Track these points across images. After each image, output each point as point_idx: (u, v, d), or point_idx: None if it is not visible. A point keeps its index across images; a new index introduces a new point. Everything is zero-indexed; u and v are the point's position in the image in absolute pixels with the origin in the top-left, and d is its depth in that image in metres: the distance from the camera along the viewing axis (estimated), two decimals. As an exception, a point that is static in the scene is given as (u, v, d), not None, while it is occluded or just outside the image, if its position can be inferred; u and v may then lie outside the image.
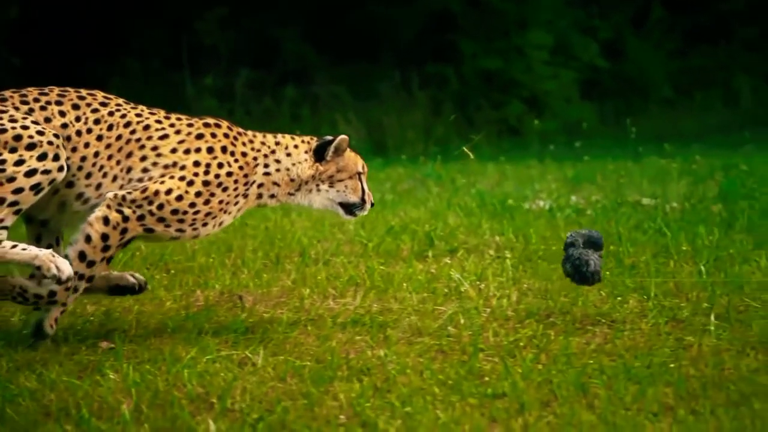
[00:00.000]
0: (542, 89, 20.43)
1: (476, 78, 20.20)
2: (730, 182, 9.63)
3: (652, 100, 22.08)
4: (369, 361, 5.05)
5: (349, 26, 19.96)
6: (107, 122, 5.31)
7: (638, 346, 5.29)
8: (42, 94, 5.29)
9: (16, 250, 5.08)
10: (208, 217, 5.35)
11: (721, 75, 23.25)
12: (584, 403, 4.59)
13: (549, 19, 20.68)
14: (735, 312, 5.77)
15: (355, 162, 5.65)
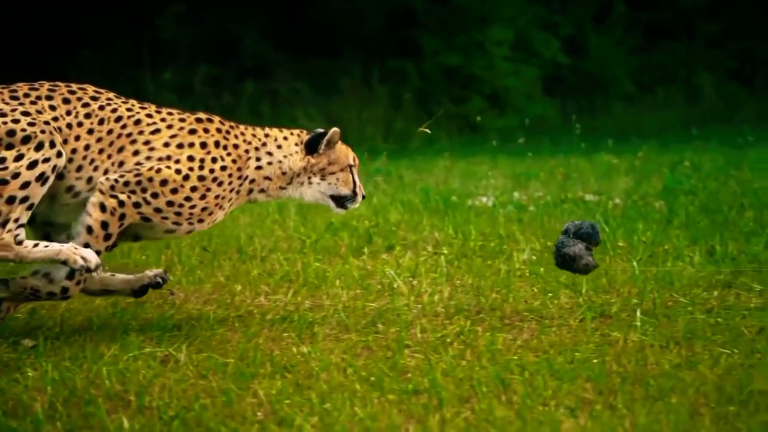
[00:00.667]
0: (503, 85, 20.46)
1: (437, 74, 20.22)
2: (674, 178, 9.68)
3: (614, 97, 22.15)
4: (293, 358, 5.05)
5: (309, 22, 19.94)
6: (98, 116, 5.30)
7: (563, 342, 5.31)
8: (32, 89, 5.29)
9: (39, 249, 5.12)
10: (204, 212, 5.37)
11: (683, 71, 23.36)
12: (504, 399, 4.60)
13: (510, 16, 20.72)
14: (663, 308, 5.80)
15: (346, 155, 5.66)
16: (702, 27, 23.78)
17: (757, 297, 6.02)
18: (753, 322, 5.54)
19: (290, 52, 19.52)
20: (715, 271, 6.45)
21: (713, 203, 8.41)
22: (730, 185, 9.33)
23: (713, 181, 9.63)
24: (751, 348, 5.15)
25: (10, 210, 5.07)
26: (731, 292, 6.14)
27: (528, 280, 6.41)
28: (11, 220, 5.07)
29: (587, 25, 22.48)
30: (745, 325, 5.49)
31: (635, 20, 22.92)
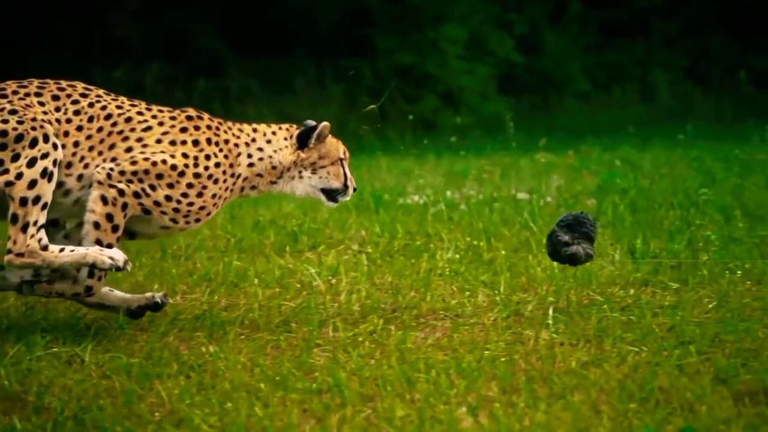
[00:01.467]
0: (457, 84, 20.47)
1: (390, 72, 20.20)
2: (609, 176, 9.72)
3: (569, 95, 22.21)
4: (201, 358, 5.03)
5: (263, 20, 19.88)
6: (87, 113, 5.31)
7: (475, 341, 5.32)
8: (21, 86, 5.29)
9: (65, 253, 5.15)
10: (202, 211, 5.40)
11: (639, 70, 23.47)
12: (408, 397, 4.61)
13: (464, 14, 20.72)
14: (578, 306, 5.83)
15: (336, 148, 5.68)
16: (657, 26, 23.90)
17: (672, 295, 6.05)
18: (664, 320, 5.58)
19: (243, 51, 19.46)
20: (634, 269, 6.49)
21: (643, 202, 8.46)
22: (662, 184, 9.38)
23: (647, 180, 9.68)
24: (659, 346, 5.18)
25: (26, 212, 5.10)
26: (647, 290, 6.17)
27: (448, 278, 6.42)
28: (30, 224, 5.11)
29: (542, 23, 22.53)
30: (657, 323, 5.52)
31: (590, 18, 22.99)
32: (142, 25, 19.19)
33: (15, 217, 5.11)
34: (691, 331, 5.36)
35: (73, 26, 19.22)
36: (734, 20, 24.13)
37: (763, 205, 8.11)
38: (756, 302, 5.85)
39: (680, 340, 5.27)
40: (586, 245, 5.65)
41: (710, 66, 23.91)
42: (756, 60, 24.03)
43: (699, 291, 6.10)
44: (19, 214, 5.09)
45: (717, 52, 24.20)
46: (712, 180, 9.50)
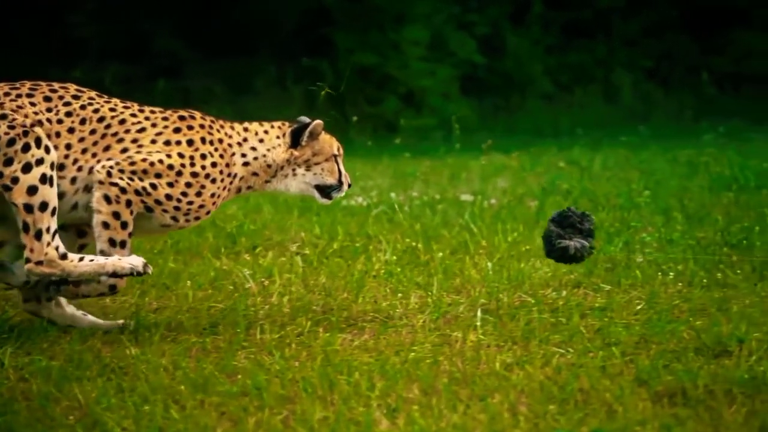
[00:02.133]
0: (419, 85, 20.47)
1: (352, 73, 20.18)
2: (554, 178, 9.75)
3: (531, 96, 22.26)
4: (124, 360, 5.01)
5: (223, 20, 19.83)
6: (79, 116, 5.32)
7: (402, 342, 5.32)
8: (12, 88, 5.28)
9: (84, 263, 5.20)
10: (201, 210, 5.43)
11: (601, 71, 23.54)
12: (328, 400, 4.60)
13: (425, 14, 20.72)
14: (509, 308, 5.84)
15: (330, 144, 5.67)
16: (619, 26, 23.98)
17: (603, 297, 6.06)
18: (593, 322, 5.59)
19: (203, 51, 19.41)
20: (569, 271, 6.50)
21: (586, 203, 8.48)
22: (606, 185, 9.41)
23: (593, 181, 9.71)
24: (585, 348, 5.19)
25: (35, 219, 5.11)
26: (579, 292, 6.19)
27: (382, 280, 6.42)
28: (43, 231, 5.13)
29: (504, 24, 22.56)
30: (585, 325, 5.53)
31: (553, 19, 23.04)
32: (101, 26, 19.10)
33: (26, 226, 5.14)
34: (617, 333, 5.38)
35: (31, 26, 19.11)
36: (696, 21, 24.25)
37: (704, 207, 8.17)
38: (685, 304, 5.88)
39: (606, 342, 5.28)
40: (579, 238, 5.66)
41: (672, 67, 24.02)
42: (718, 61, 24.17)
43: (630, 292, 6.12)
44: (29, 221, 5.13)
45: (679, 53, 24.32)
46: (656, 181, 9.54)
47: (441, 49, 20.84)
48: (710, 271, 6.46)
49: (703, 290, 6.12)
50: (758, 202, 8.35)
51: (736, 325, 5.39)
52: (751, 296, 5.95)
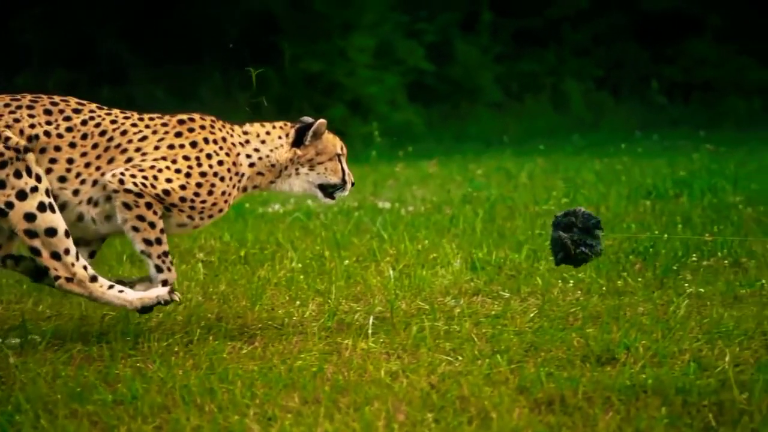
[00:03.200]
0: (366, 93, 20.47)
1: (298, 80, 20.17)
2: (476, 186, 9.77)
3: (481, 104, 22.30)
4: (4, 369, 4.95)
5: (168, 26, 19.77)
6: (80, 131, 5.33)
7: (291, 350, 5.30)
8: (13, 99, 5.31)
9: (112, 292, 5.29)
10: (215, 207, 5.46)
11: (551, 79, 23.62)
12: (206, 408, 4.57)
13: (373, 22, 20.73)
14: (406, 315, 5.83)
15: (333, 144, 5.69)
16: (570, 35, 24.09)
17: (500, 305, 6.07)
18: (486, 330, 5.59)
19: (148, 57, 19.34)
20: (472, 278, 6.51)
21: (505, 211, 8.50)
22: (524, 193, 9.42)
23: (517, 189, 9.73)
24: (474, 355, 5.19)
25: (43, 242, 5.14)
26: (478, 299, 6.19)
27: (283, 288, 6.39)
28: (61, 253, 5.16)
29: (453, 32, 22.61)
30: (477, 333, 5.53)
31: (503, 27, 23.12)
32: (45, 31, 18.99)
33: (35, 250, 5.17)
34: (507, 340, 5.38)
35: (-27, 31, 18.97)
36: (647, 30, 24.40)
37: (618, 215, 8.19)
38: (581, 311, 5.88)
39: (495, 350, 5.28)
40: (578, 238, 5.65)
41: (622, 76, 24.16)
42: (668, 70, 24.33)
43: (528, 300, 6.14)
44: (36, 245, 5.15)
45: (629, 62, 24.46)
46: (577, 189, 9.58)
47: (388, 56, 20.86)
48: (611, 278, 6.48)
49: (601, 298, 6.13)
50: (672, 210, 8.40)
51: (625, 333, 5.41)
52: (647, 304, 5.96)
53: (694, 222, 7.89)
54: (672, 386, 4.71)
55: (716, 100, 23.93)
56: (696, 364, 5.00)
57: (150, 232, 5.36)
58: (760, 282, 6.25)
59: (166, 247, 5.42)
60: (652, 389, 4.72)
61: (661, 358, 5.14)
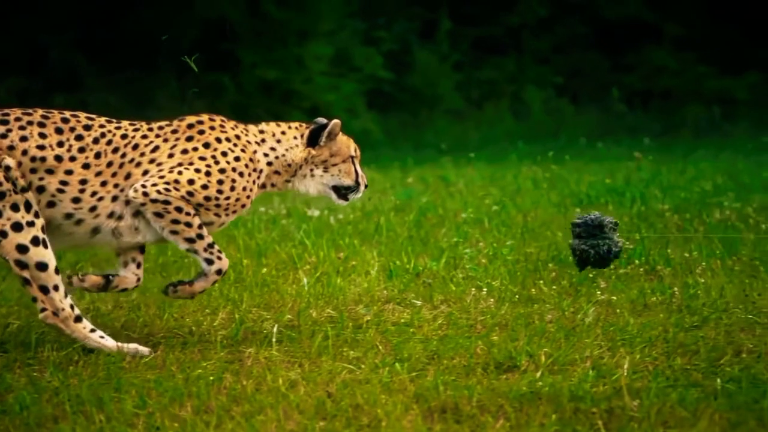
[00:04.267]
0: (323, 100, 20.45)
1: (255, 88, 20.14)
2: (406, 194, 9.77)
3: (440, 112, 22.30)
4: None
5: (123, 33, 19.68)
6: (93, 150, 5.33)
7: (192, 359, 5.27)
8: (25, 114, 5.29)
9: (94, 336, 5.31)
10: (238, 203, 5.47)
11: (511, 87, 23.67)
12: (96, 418, 4.54)
13: (330, 30, 20.72)
14: (315, 324, 5.81)
15: (347, 146, 5.69)
16: (530, 43, 24.15)
17: (411, 313, 6.05)
18: (392, 338, 5.58)
19: (103, 65, 19.26)
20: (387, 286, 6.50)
21: (436, 218, 8.49)
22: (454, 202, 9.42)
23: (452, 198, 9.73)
24: (376, 363, 5.17)
25: (33, 276, 5.17)
26: (390, 307, 6.18)
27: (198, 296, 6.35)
28: (50, 288, 5.20)
29: (412, 40, 22.63)
30: (383, 341, 5.52)
31: (462, 36, 23.15)
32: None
33: (25, 281, 5.19)
34: (411, 348, 5.37)
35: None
36: (607, 38, 24.49)
37: (545, 223, 8.20)
38: (490, 319, 5.88)
39: (398, 358, 5.26)
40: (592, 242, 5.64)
41: (582, 83, 24.23)
42: (628, 78, 24.43)
43: (440, 308, 6.13)
44: (27, 276, 5.17)
45: (589, 70, 24.54)
46: (511, 197, 9.59)
47: (345, 64, 20.86)
48: (526, 286, 6.48)
49: (512, 306, 6.12)
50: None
51: (529, 340, 5.41)
52: (556, 312, 5.97)
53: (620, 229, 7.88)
54: (567, 393, 4.71)
55: (676, 108, 24.05)
56: (595, 371, 5.01)
57: (188, 231, 5.39)
58: (672, 290, 6.26)
59: (209, 239, 5.44)
60: (547, 396, 4.72)
61: (562, 365, 5.14)
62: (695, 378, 4.96)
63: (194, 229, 5.41)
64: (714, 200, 9.02)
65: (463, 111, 22.57)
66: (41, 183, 5.27)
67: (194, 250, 5.45)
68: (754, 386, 4.81)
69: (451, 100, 22.58)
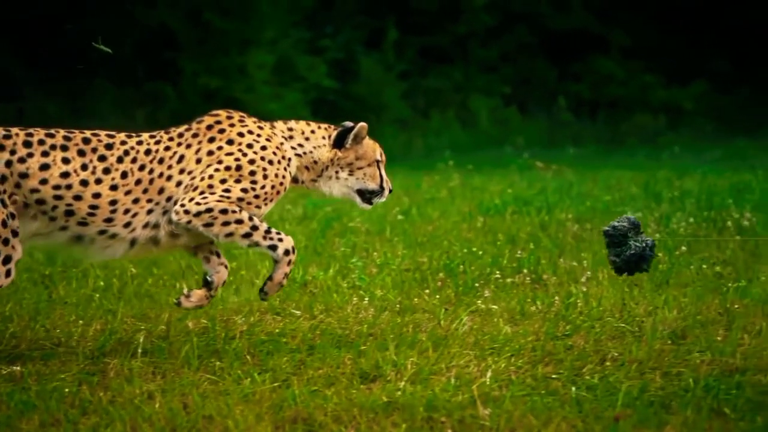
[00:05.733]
0: (266, 109, 20.34)
1: (196, 96, 20.05)
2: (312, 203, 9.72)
3: (386, 121, 22.26)
4: None
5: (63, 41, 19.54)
6: (118, 170, 5.32)
7: (53, 371, 5.20)
8: (48, 136, 5.25)
9: None
10: (273, 190, 5.45)
11: (459, 96, 23.69)
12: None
13: (273, 39, 20.67)
14: (189, 335, 5.76)
15: (373, 149, 5.69)
16: (477, 52, 24.18)
17: (288, 323, 6.01)
18: (263, 348, 5.53)
19: (42, 73, 19.13)
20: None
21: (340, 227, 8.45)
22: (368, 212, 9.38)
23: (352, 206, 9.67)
24: (239, 374, 5.12)
25: None
26: (268, 318, 6.14)
27: (73, 307, 6.28)
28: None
29: (358, 49, 22.61)
30: (253, 351, 5.47)
31: (409, 44, 23.15)
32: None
33: None
34: (279, 359, 5.33)
35: None
36: (554, 48, 24.58)
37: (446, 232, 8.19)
38: (367, 329, 5.84)
39: (263, 368, 5.22)
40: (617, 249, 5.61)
41: (530, 92, 24.29)
42: (575, 87, 24.53)
43: (318, 317, 6.09)
44: None
45: (537, 79, 24.62)
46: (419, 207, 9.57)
47: (288, 73, 20.81)
48: (410, 296, 6.45)
49: (392, 315, 6.10)
50: (499, 228, 8.43)
51: (399, 350, 5.38)
52: (432, 321, 5.94)
53: (518, 237, 7.90)
54: (423, 403, 4.69)
55: (623, 117, 24.17)
56: (457, 380, 4.98)
57: (242, 227, 5.37)
58: (552, 299, 6.25)
59: (263, 226, 5.42)
60: (402, 406, 4.69)
61: (427, 375, 5.11)
62: (554, 386, 4.95)
63: (246, 224, 5.39)
64: (620, 209, 9.03)
65: (409, 120, 22.54)
66: (69, 208, 5.26)
67: (255, 243, 5.43)
68: (610, 394, 4.81)
69: (397, 108, 22.56)
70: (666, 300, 6.14)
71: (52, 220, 5.27)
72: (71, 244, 5.37)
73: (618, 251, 5.59)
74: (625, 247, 5.59)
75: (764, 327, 5.64)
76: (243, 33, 20.25)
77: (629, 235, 5.60)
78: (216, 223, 5.35)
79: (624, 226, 5.62)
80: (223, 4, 20.10)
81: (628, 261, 5.59)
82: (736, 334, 5.54)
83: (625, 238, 5.60)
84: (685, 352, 5.38)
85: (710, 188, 10.66)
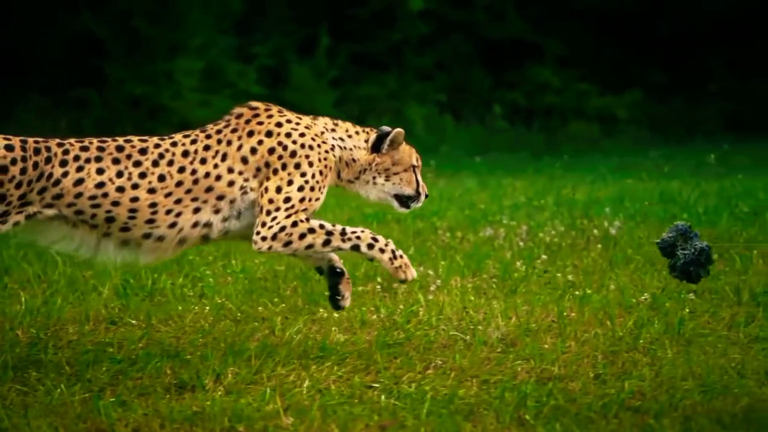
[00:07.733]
0: (194, 115, 20.21)
1: (122, 103, 19.88)
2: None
3: (318, 128, 22.15)
4: None
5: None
6: (155, 173, 5.25)
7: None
8: (83, 150, 5.20)
9: None
10: (321, 175, 5.38)
11: (394, 103, 23.65)
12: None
13: (201, 46, 20.53)
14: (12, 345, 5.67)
15: (410, 155, 5.67)
16: (412, 59, 24.15)
17: (123, 332, 5.93)
18: (85, 358, 5.45)
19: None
20: (114, 305, 6.38)
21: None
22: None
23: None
24: (53, 385, 5.04)
25: None
26: (102, 327, 6.06)
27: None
28: None
29: (289, 56, 22.51)
30: (78, 360, 5.39)
31: (342, 51, 23.07)
32: None
33: None
34: (97, 369, 5.25)
35: None
36: (489, 56, 24.61)
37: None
38: (201, 338, 5.78)
39: (79, 378, 5.14)
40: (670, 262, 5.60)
41: (465, 100, 24.31)
42: (510, 95, 24.58)
43: (156, 327, 6.02)
44: None
45: (472, 87, 24.64)
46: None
47: (217, 79, 20.69)
48: (255, 305, 6.39)
49: (233, 324, 6.04)
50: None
51: (224, 359, 5.31)
52: (267, 330, 5.88)
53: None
54: (228, 413, 4.64)
55: (557, 126, 24.24)
56: (274, 390, 4.92)
57: (317, 236, 5.33)
58: (397, 307, 6.20)
59: (337, 228, 5.37)
60: (209, 416, 4.63)
61: (246, 384, 5.06)
62: (370, 395, 4.90)
63: (321, 232, 5.34)
64: (497, 218, 9.01)
65: (343, 128, 22.47)
66: (109, 215, 5.20)
67: (336, 248, 5.38)
68: (418, 402, 4.76)
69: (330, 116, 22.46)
70: (506, 308, 6.10)
71: (94, 228, 5.22)
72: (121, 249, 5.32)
73: (672, 262, 5.61)
74: (676, 258, 5.58)
75: (592, 335, 5.61)
76: (171, 39, 20.11)
77: (677, 244, 5.59)
78: (293, 241, 5.31)
79: (671, 237, 5.63)
80: (152, 11, 19.97)
81: (683, 271, 5.60)
82: (564, 342, 5.51)
83: (674, 248, 5.59)
84: (511, 359, 5.34)
85: (598, 198, 10.69)
